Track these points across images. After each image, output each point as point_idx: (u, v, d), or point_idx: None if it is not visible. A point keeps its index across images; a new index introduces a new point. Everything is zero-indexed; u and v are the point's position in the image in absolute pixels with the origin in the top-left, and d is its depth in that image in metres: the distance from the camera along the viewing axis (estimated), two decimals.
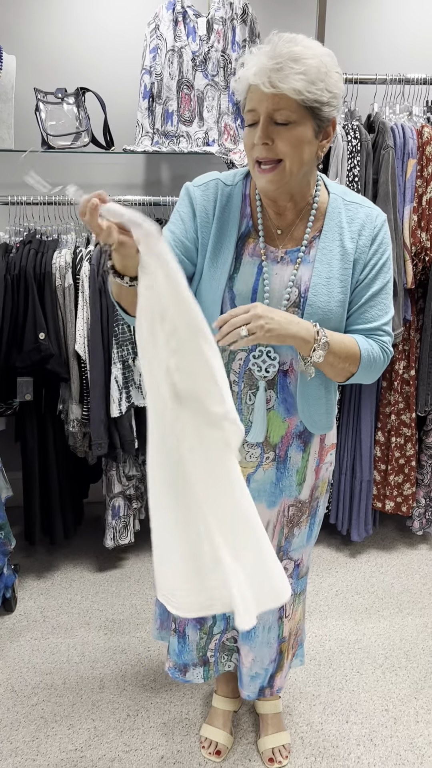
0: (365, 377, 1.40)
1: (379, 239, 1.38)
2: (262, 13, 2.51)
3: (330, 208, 1.38)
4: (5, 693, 2.00)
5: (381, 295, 1.39)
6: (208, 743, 1.81)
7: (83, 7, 2.53)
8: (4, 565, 2.25)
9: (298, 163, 1.27)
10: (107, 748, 1.82)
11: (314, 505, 1.61)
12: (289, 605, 1.65)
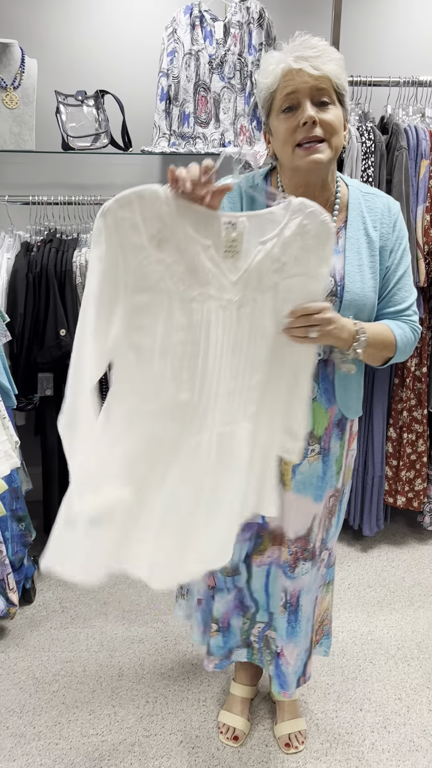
0: (401, 358, 1.47)
1: (398, 225, 1.46)
2: (278, 16, 2.56)
3: (351, 199, 1.45)
4: (27, 680, 2.05)
5: (405, 277, 1.46)
6: (225, 729, 1.85)
7: (102, 12, 2.59)
8: (24, 557, 2.31)
9: (338, 142, 1.34)
10: (127, 733, 1.87)
11: (343, 491, 1.66)
12: (321, 594, 1.71)
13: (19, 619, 2.31)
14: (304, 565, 1.61)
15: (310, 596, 1.67)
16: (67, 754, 1.81)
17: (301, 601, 1.65)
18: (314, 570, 1.65)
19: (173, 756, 1.80)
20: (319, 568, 1.67)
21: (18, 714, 1.93)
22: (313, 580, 1.66)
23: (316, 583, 1.68)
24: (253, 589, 1.69)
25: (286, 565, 1.62)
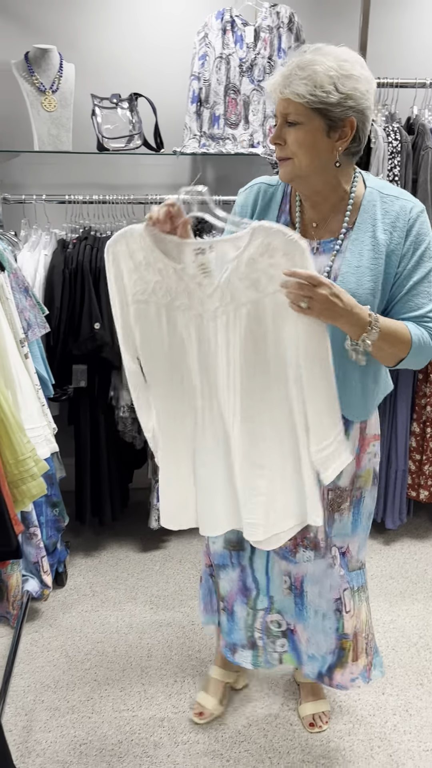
0: (415, 362, 1.45)
1: (415, 230, 1.43)
2: (308, 20, 2.62)
3: (365, 201, 1.46)
4: (60, 658, 2.14)
5: (424, 284, 1.44)
6: (198, 706, 1.92)
7: (136, 19, 2.68)
8: (57, 541, 2.40)
9: (306, 160, 1.38)
10: (157, 709, 1.95)
11: (357, 495, 1.63)
12: (348, 600, 1.66)
13: (51, 601, 2.40)
14: (306, 553, 1.63)
15: (319, 588, 1.66)
16: (100, 727, 1.89)
17: (305, 588, 1.67)
18: (321, 562, 1.64)
19: (201, 731, 1.87)
20: (332, 565, 1.64)
21: (52, 689, 2.02)
22: (321, 572, 1.65)
23: (328, 579, 1.65)
24: (255, 568, 1.73)
25: (286, 550, 1.64)
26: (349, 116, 1.36)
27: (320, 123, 1.36)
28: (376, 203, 1.45)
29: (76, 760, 1.79)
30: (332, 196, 1.47)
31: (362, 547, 1.71)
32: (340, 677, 1.71)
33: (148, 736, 1.86)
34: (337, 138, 1.38)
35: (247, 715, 1.93)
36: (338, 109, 1.35)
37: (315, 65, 1.33)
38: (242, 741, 1.85)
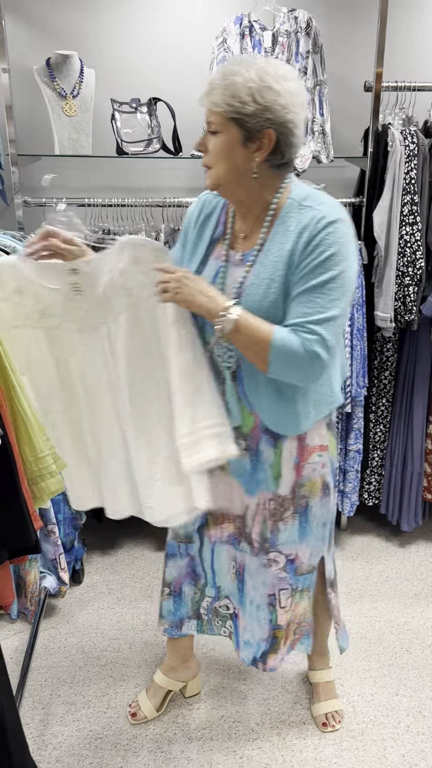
0: (287, 372, 1.42)
1: (317, 240, 1.38)
2: (325, 25, 2.64)
3: (283, 212, 1.45)
4: (76, 654, 2.17)
5: (314, 293, 1.39)
6: (135, 704, 1.94)
7: (155, 24, 2.71)
8: (74, 539, 2.43)
9: (224, 168, 1.41)
10: (171, 706, 1.97)
11: (301, 504, 1.63)
12: (285, 598, 1.69)
13: (68, 598, 2.43)
14: (243, 544, 1.68)
15: (253, 582, 1.69)
16: (115, 722, 1.92)
17: (245, 577, 1.71)
18: (255, 559, 1.67)
19: (214, 728, 1.89)
20: (267, 566, 1.66)
21: (69, 684, 2.05)
22: (255, 568, 1.67)
23: (261, 576, 1.67)
24: (204, 559, 1.78)
25: (233, 536, 1.71)
26: (266, 128, 1.37)
27: (237, 133, 1.38)
28: (293, 214, 1.44)
29: (91, 754, 1.81)
30: (255, 207, 1.49)
31: (316, 553, 1.71)
32: (272, 662, 1.77)
33: (163, 732, 1.88)
34: (255, 149, 1.39)
35: (261, 713, 1.95)
36: (254, 120, 1.36)
37: (235, 75, 1.35)
38: (255, 738, 1.86)
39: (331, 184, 2.88)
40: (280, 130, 1.38)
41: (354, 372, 2.50)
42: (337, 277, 1.39)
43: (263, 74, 1.35)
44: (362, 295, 2.47)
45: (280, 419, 1.53)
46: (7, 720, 1.40)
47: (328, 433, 1.64)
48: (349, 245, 1.41)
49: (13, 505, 1.28)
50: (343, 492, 2.69)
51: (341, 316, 1.41)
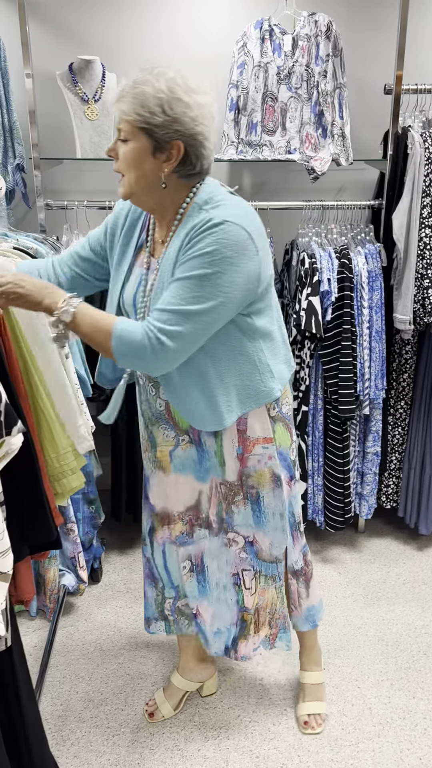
0: (131, 360, 1.43)
1: (197, 238, 1.39)
2: (345, 28, 2.65)
3: (186, 216, 1.46)
4: (94, 651, 2.19)
5: (180, 284, 1.40)
6: (152, 704, 1.96)
7: (175, 29, 2.74)
8: (93, 538, 2.46)
9: (133, 177, 1.43)
10: (188, 704, 1.98)
11: (251, 493, 1.68)
12: (249, 579, 1.74)
13: (87, 596, 2.46)
14: (201, 531, 1.74)
15: (217, 563, 1.75)
16: (132, 719, 1.93)
17: (206, 563, 1.75)
18: (215, 540, 1.73)
19: (231, 728, 1.90)
20: (228, 545, 1.72)
21: (87, 681, 2.07)
22: (216, 549, 1.73)
23: (224, 555, 1.74)
24: (156, 564, 1.83)
25: (182, 535, 1.76)
26: (175, 139, 1.38)
27: (146, 142, 1.39)
28: (192, 217, 1.45)
29: (109, 750, 1.83)
30: (167, 214, 1.51)
31: (277, 544, 1.73)
32: (243, 649, 1.80)
33: (179, 730, 1.90)
34: (164, 159, 1.41)
35: (277, 713, 1.95)
36: (163, 131, 1.37)
37: (146, 85, 1.36)
38: (272, 738, 1.87)
39: (351, 187, 2.90)
40: (189, 141, 1.39)
41: (372, 374, 2.50)
42: (209, 276, 1.38)
43: (173, 85, 1.36)
44: (381, 297, 2.47)
45: (199, 415, 1.57)
46: (27, 715, 1.42)
47: (277, 425, 1.66)
48: (234, 248, 1.38)
49: (35, 502, 1.31)
50: (361, 495, 2.69)
51: (206, 314, 1.40)
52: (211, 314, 1.41)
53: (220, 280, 1.39)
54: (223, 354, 1.53)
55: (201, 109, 1.39)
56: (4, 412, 1.12)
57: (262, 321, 1.55)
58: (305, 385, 2.49)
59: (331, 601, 2.43)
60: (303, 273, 2.41)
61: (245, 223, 1.40)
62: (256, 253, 1.42)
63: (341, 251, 2.44)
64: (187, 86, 1.38)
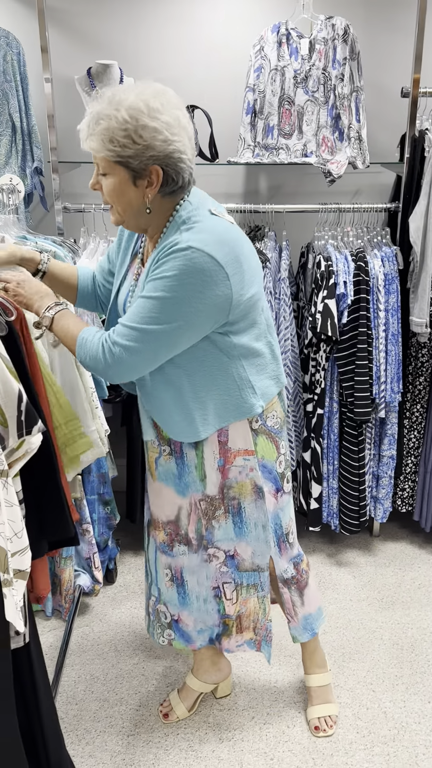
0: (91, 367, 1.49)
1: (163, 260, 1.40)
2: (362, 31, 2.65)
3: (166, 233, 1.47)
4: (109, 652, 2.21)
5: (142, 302, 1.42)
6: (167, 705, 1.96)
7: (193, 33, 2.75)
8: (108, 539, 2.47)
9: (122, 207, 1.45)
10: (202, 706, 1.99)
11: (233, 504, 1.68)
12: (230, 591, 1.76)
13: (101, 597, 2.47)
14: (180, 547, 1.75)
15: (197, 578, 1.76)
16: (147, 720, 1.94)
17: (185, 578, 1.77)
18: (195, 556, 1.73)
19: (245, 729, 1.91)
20: (208, 561, 1.73)
21: (102, 681, 2.08)
22: (196, 565, 1.74)
23: (204, 570, 1.75)
24: (149, 557, 1.85)
25: (164, 544, 1.77)
26: (151, 165, 1.37)
27: (124, 174, 1.39)
28: (170, 233, 1.45)
29: (123, 750, 1.84)
30: (155, 231, 1.52)
31: (260, 553, 1.74)
32: (227, 644, 1.83)
33: (194, 731, 1.90)
34: (146, 185, 1.41)
35: (292, 715, 1.95)
36: (137, 161, 1.37)
37: (109, 119, 1.34)
38: (286, 741, 1.87)
39: (367, 190, 2.90)
40: (165, 162, 1.38)
41: (388, 377, 2.50)
42: (167, 300, 1.39)
43: (135, 113, 1.34)
44: (397, 300, 2.47)
45: (174, 426, 1.59)
46: (45, 714, 1.43)
47: (260, 438, 1.65)
48: (197, 275, 1.37)
49: (54, 499, 1.33)
50: (376, 498, 2.68)
51: (162, 336, 1.41)
52: (170, 336, 1.42)
53: (180, 305, 1.39)
54: (198, 369, 1.54)
55: (170, 127, 1.36)
56: (25, 411, 1.14)
57: (244, 338, 1.55)
58: (321, 387, 2.49)
59: (346, 604, 2.43)
60: (319, 276, 2.42)
61: (213, 249, 1.38)
62: (225, 279, 1.40)
63: (357, 254, 2.44)
64: (150, 109, 1.34)
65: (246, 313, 1.51)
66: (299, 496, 2.68)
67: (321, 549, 2.76)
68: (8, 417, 1.14)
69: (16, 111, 2.53)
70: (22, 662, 1.34)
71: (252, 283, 1.50)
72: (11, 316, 1.24)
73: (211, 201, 1.54)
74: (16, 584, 1.17)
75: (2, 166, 2.57)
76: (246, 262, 1.47)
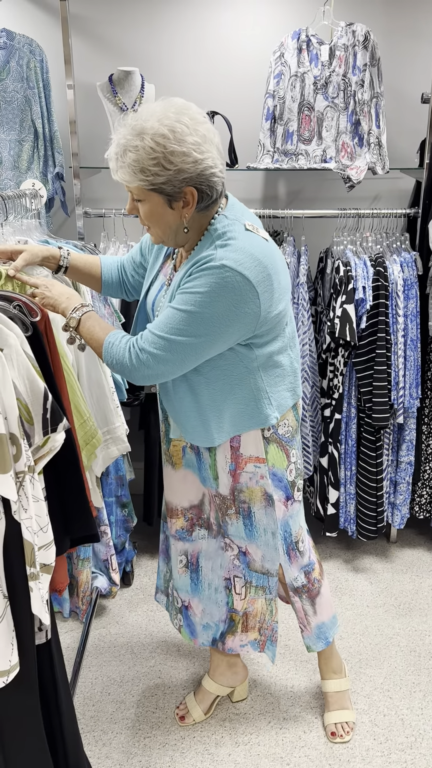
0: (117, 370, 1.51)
1: (196, 274, 1.42)
2: (383, 37, 2.66)
3: (201, 240, 1.49)
4: (126, 654, 2.21)
5: (172, 312, 1.44)
6: (183, 707, 1.97)
7: (214, 40, 2.78)
8: (126, 541, 2.48)
9: (161, 229, 1.46)
10: (218, 709, 1.99)
11: (243, 508, 1.70)
12: (240, 586, 1.78)
13: (118, 599, 2.48)
14: (201, 531, 1.80)
15: (212, 564, 1.80)
16: (163, 722, 1.94)
17: (201, 563, 1.81)
18: (213, 541, 1.79)
19: (261, 733, 1.90)
20: (224, 549, 1.78)
21: (119, 683, 2.09)
22: (213, 550, 1.80)
23: (219, 558, 1.79)
24: (169, 544, 1.88)
25: (182, 530, 1.81)
26: (185, 186, 1.38)
27: (159, 198, 1.40)
28: (205, 247, 1.47)
29: (140, 752, 1.85)
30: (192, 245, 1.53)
31: (269, 559, 1.74)
32: (230, 643, 1.85)
33: (210, 735, 1.90)
34: (182, 206, 1.42)
35: (309, 720, 1.95)
36: (170, 186, 1.37)
37: (135, 151, 1.34)
38: (303, 746, 1.86)
39: (386, 195, 2.90)
40: (198, 181, 1.38)
41: (407, 383, 2.49)
42: (197, 315, 1.40)
43: (162, 140, 1.33)
44: (416, 305, 2.47)
45: (190, 429, 1.63)
46: (65, 714, 1.44)
47: (271, 446, 1.66)
48: (228, 294, 1.38)
49: (78, 495, 1.34)
50: (393, 504, 2.67)
51: (190, 348, 1.44)
52: (196, 348, 1.45)
53: (209, 321, 1.41)
54: (218, 377, 1.55)
55: (198, 146, 1.35)
56: (51, 409, 1.15)
57: (266, 350, 1.56)
58: (338, 393, 2.49)
59: (363, 611, 2.42)
60: (338, 281, 2.42)
61: (245, 268, 1.39)
62: (255, 297, 1.41)
63: (376, 259, 2.44)
64: (175, 133, 1.33)
65: (272, 327, 1.53)
66: (316, 501, 2.68)
67: (338, 555, 2.75)
68: (34, 414, 1.16)
69: (39, 117, 2.56)
70: (44, 661, 1.36)
71: (281, 300, 1.51)
72: (36, 317, 1.26)
73: (249, 214, 1.55)
74: (42, 578, 1.18)
75: (24, 171, 2.60)
76: (277, 280, 1.48)
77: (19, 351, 1.15)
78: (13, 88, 2.53)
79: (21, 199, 2.08)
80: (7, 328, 1.16)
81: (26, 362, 1.15)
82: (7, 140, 2.56)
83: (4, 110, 2.54)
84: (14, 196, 2.01)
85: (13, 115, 2.55)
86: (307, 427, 2.61)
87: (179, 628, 1.91)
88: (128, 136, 1.36)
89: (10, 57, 2.51)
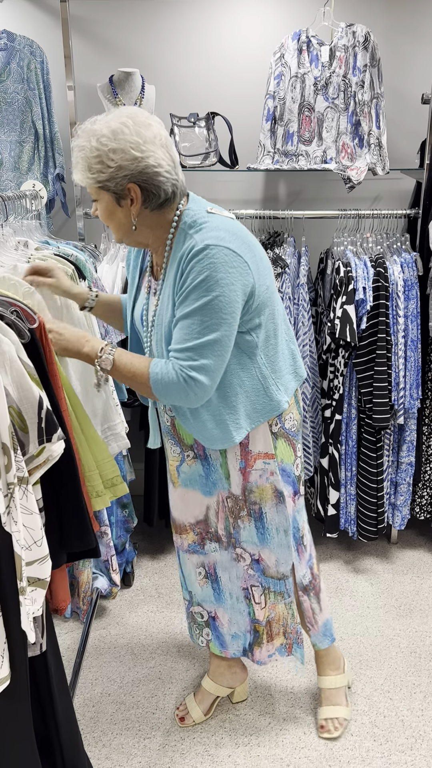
0: (173, 398, 1.49)
1: (189, 268, 1.44)
2: (383, 38, 2.66)
3: (175, 241, 1.52)
4: (126, 655, 2.21)
5: (187, 319, 1.45)
6: (183, 708, 1.97)
7: (214, 41, 2.78)
8: (126, 542, 2.48)
9: (115, 227, 1.52)
10: (218, 710, 1.99)
11: (254, 509, 1.71)
12: (258, 595, 1.79)
13: (119, 600, 2.48)
14: (212, 544, 1.78)
15: (228, 575, 1.79)
16: (163, 723, 1.94)
17: (219, 574, 1.80)
18: (225, 553, 1.77)
19: (262, 735, 1.90)
20: (237, 560, 1.77)
21: (118, 684, 2.09)
22: (227, 561, 1.78)
23: (234, 569, 1.78)
24: (180, 562, 1.88)
25: (194, 544, 1.80)
26: (127, 183, 1.43)
27: (108, 196, 1.47)
28: (180, 242, 1.50)
29: (140, 753, 1.84)
30: (157, 244, 1.56)
31: (283, 561, 1.76)
32: (259, 654, 1.86)
33: (210, 736, 1.90)
34: (129, 204, 1.47)
35: (309, 722, 1.95)
36: (114, 182, 1.43)
37: (83, 150, 1.44)
38: (303, 747, 1.86)
39: (386, 196, 2.90)
40: (140, 178, 1.43)
41: (407, 384, 2.49)
42: (210, 302, 1.42)
43: (103, 139, 1.41)
44: (417, 306, 2.46)
45: (208, 435, 1.61)
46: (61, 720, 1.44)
47: (279, 441, 1.67)
48: (224, 268, 1.42)
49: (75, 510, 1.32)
50: (394, 505, 2.67)
51: (221, 340, 1.45)
52: (225, 337, 1.46)
53: (221, 303, 1.43)
54: (224, 374, 1.55)
55: (138, 145, 1.41)
56: (45, 418, 1.15)
57: (262, 335, 1.57)
58: (339, 393, 2.49)
59: (363, 611, 2.42)
60: (338, 281, 2.42)
61: (227, 242, 1.43)
62: (246, 266, 1.46)
63: (377, 260, 2.43)
64: (114, 132, 1.40)
65: (264, 304, 1.54)
66: (317, 501, 2.68)
67: (338, 556, 2.75)
68: (29, 423, 1.15)
69: (39, 118, 2.56)
70: (39, 668, 1.35)
71: (266, 274, 1.55)
72: (33, 324, 1.25)
73: (205, 202, 1.59)
74: (32, 593, 1.17)
75: (25, 172, 2.60)
76: (256, 251, 1.53)
77: (13, 357, 1.14)
78: (14, 89, 2.53)
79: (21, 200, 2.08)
80: (2, 334, 1.15)
81: (20, 369, 1.14)
82: (7, 141, 2.57)
83: (5, 111, 2.54)
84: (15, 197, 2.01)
85: (14, 116, 2.55)
86: (308, 428, 2.61)
87: (207, 644, 1.89)
88: (80, 139, 1.45)
89: (10, 58, 2.52)
